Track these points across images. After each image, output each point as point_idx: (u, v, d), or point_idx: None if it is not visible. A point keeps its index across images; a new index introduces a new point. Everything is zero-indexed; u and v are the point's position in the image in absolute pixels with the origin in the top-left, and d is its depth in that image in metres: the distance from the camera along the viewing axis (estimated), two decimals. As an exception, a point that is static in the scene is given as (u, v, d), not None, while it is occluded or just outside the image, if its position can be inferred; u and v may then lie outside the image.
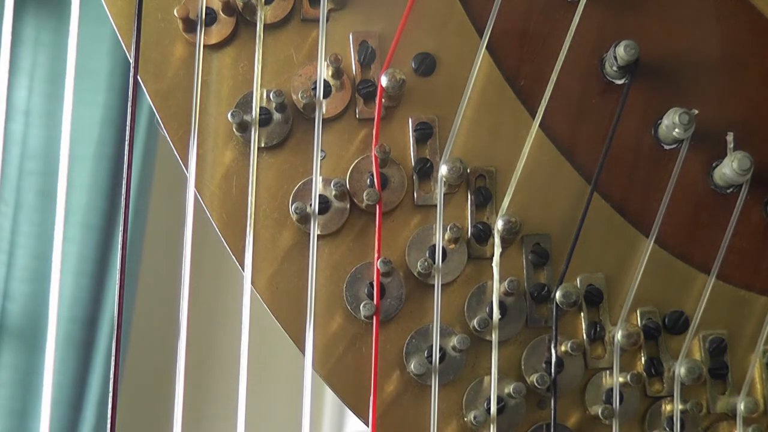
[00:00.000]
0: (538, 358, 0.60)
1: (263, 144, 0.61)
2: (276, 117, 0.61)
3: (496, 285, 0.60)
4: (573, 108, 0.62)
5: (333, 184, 0.60)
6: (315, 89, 0.60)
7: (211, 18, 0.61)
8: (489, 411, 0.59)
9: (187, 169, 0.60)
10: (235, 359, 0.57)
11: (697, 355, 0.61)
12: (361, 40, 0.62)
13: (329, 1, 0.61)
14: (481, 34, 0.60)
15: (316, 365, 0.59)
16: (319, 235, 0.60)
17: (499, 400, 0.59)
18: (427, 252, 0.60)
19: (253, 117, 0.60)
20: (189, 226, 0.58)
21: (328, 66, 0.60)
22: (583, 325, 0.61)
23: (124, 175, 0.58)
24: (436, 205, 0.60)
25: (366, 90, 0.61)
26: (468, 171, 0.61)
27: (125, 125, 0.58)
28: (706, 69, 0.62)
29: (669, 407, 0.60)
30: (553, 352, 0.59)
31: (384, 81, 0.59)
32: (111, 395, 0.56)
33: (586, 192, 0.61)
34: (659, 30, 0.62)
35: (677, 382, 0.60)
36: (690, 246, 0.61)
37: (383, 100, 0.60)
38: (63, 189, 0.60)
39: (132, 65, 0.59)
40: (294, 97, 0.61)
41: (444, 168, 0.59)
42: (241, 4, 0.61)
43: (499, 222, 0.59)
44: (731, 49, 0.63)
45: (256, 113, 0.60)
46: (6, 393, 1.28)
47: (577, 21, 0.60)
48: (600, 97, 0.62)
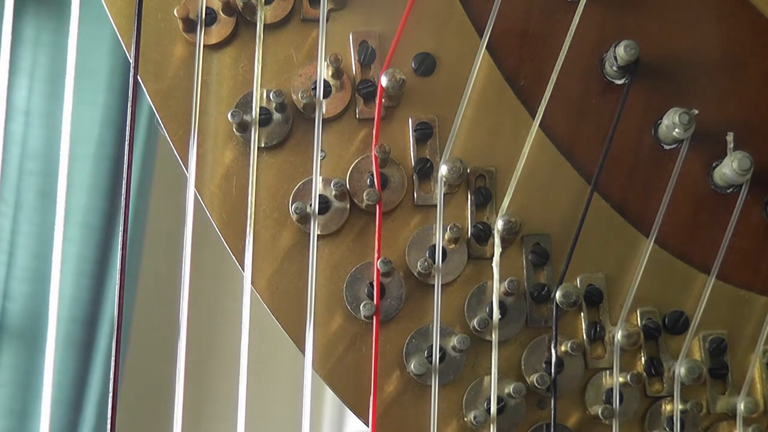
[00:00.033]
0: (538, 358, 0.60)
1: (263, 144, 0.61)
2: (276, 117, 0.61)
3: (496, 285, 0.60)
4: (573, 108, 0.62)
5: (333, 184, 0.60)
6: (315, 89, 0.60)
7: (211, 18, 0.61)
8: (489, 411, 0.59)
9: (187, 169, 0.60)
10: (235, 359, 0.57)
11: (697, 355, 0.61)
12: (361, 40, 0.62)
13: (329, 1, 0.61)
14: (481, 34, 0.60)
15: (316, 365, 0.59)
16: (319, 235, 0.60)
17: (499, 400, 0.59)
18: (427, 252, 0.60)
19: (253, 117, 0.60)
20: (189, 226, 0.58)
21: (328, 66, 0.60)
22: (583, 325, 0.61)
23: (124, 175, 0.58)
24: (436, 205, 0.60)
25: (366, 90, 0.61)
26: (468, 171, 0.61)
27: (125, 125, 0.58)
28: (706, 69, 0.62)
29: (669, 407, 0.60)
30: (553, 352, 0.59)
31: (384, 81, 0.59)
32: (111, 395, 0.56)
33: (586, 192, 0.61)
34: (659, 30, 0.62)
35: (677, 382, 0.60)
36: (690, 246, 0.61)
37: (383, 100, 0.60)
38: (63, 189, 0.60)
39: (132, 65, 0.59)
40: (294, 97, 0.61)
41: (444, 168, 0.59)
42: (241, 4, 0.61)
43: (499, 222, 0.59)
44: (731, 49, 0.63)
45: (256, 113, 0.60)
46: (6, 393, 1.28)
47: (577, 21, 0.60)
48: (600, 97, 0.62)
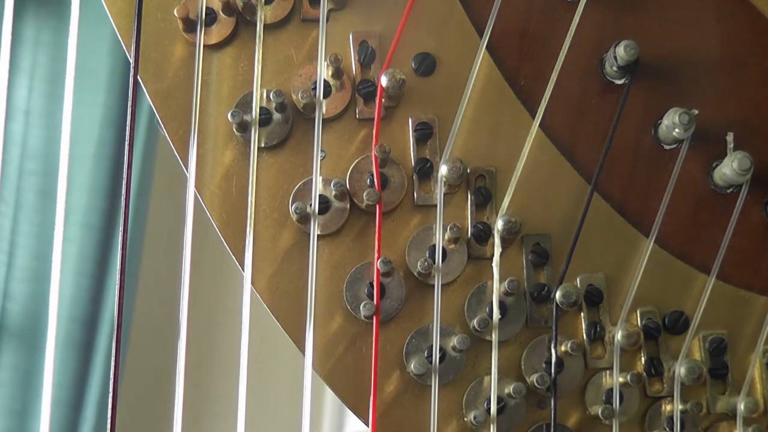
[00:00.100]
0: (538, 358, 0.60)
1: (263, 144, 0.61)
2: (276, 117, 0.61)
3: (496, 285, 0.60)
4: (573, 108, 0.62)
5: (333, 184, 0.60)
6: (315, 89, 0.60)
7: (211, 18, 0.61)
8: (489, 411, 0.59)
9: (187, 169, 0.60)
10: (235, 359, 0.57)
11: (697, 355, 0.61)
12: (361, 40, 0.62)
13: (329, 1, 0.61)
14: (481, 34, 0.60)
15: (316, 365, 0.59)
16: (319, 235, 0.60)
17: (499, 400, 0.59)
18: (427, 252, 0.60)
19: (253, 117, 0.60)
20: (189, 226, 0.58)
21: (328, 66, 0.60)
22: (583, 325, 0.61)
23: (124, 175, 0.58)
24: (436, 205, 0.60)
25: (366, 90, 0.61)
26: (468, 171, 0.61)
27: (125, 125, 0.58)
28: (706, 69, 0.62)
29: (669, 407, 0.60)
30: (553, 352, 0.59)
31: (384, 81, 0.59)
32: (111, 395, 0.56)
33: (586, 192, 0.61)
34: (659, 30, 0.62)
35: (677, 382, 0.60)
36: (690, 246, 0.61)
37: (383, 100, 0.60)
38: (63, 189, 0.60)
39: (132, 65, 0.59)
40: (294, 97, 0.61)
41: (444, 168, 0.59)
42: (241, 4, 0.61)
43: (499, 222, 0.59)
44: (731, 49, 0.63)
45: (256, 113, 0.60)
46: (6, 393, 1.28)
47: (577, 21, 0.60)
48: (600, 97, 0.62)
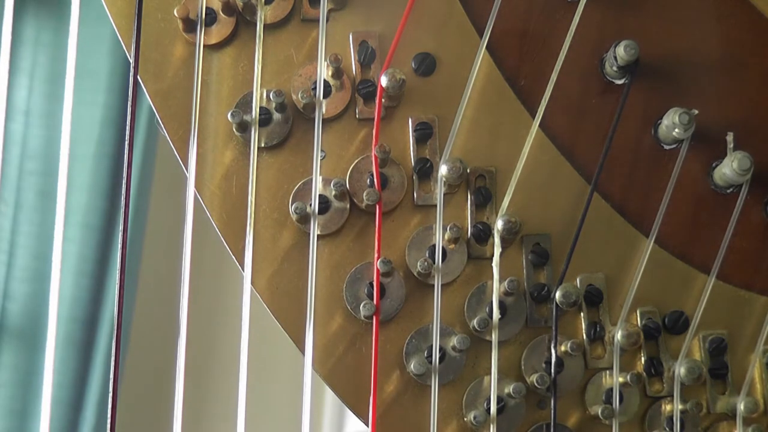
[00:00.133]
0: (538, 358, 0.60)
1: (263, 144, 0.61)
2: (276, 117, 0.61)
3: (496, 285, 0.60)
4: (573, 108, 0.62)
5: (333, 184, 0.60)
6: (315, 89, 0.60)
7: (211, 18, 0.61)
8: (489, 411, 0.59)
9: (187, 169, 0.60)
10: (235, 359, 0.57)
11: (697, 355, 0.61)
12: (361, 40, 0.62)
13: (329, 1, 0.61)
14: (481, 34, 0.60)
15: (316, 365, 0.59)
16: (319, 235, 0.60)
17: (499, 400, 0.59)
18: (427, 252, 0.60)
19: (253, 117, 0.60)
20: (189, 226, 0.58)
21: (328, 66, 0.60)
22: (583, 325, 0.61)
23: (124, 175, 0.58)
24: (436, 205, 0.60)
25: (366, 90, 0.61)
26: (468, 171, 0.61)
27: (125, 125, 0.58)
28: (706, 69, 0.62)
29: (669, 407, 0.60)
30: (553, 352, 0.59)
31: (384, 81, 0.59)
32: (111, 395, 0.56)
33: (586, 192, 0.61)
34: (659, 30, 0.62)
35: (677, 382, 0.60)
36: (690, 246, 0.61)
37: (383, 100, 0.60)
38: (63, 189, 0.60)
39: (132, 65, 0.59)
40: (294, 97, 0.61)
41: (444, 168, 0.59)
42: (241, 4, 0.61)
43: (499, 222, 0.59)
44: (731, 49, 0.63)
45: (256, 113, 0.60)
46: (6, 393, 1.28)
47: (577, 21, 0.60)
48: (600, 97, 0.62)
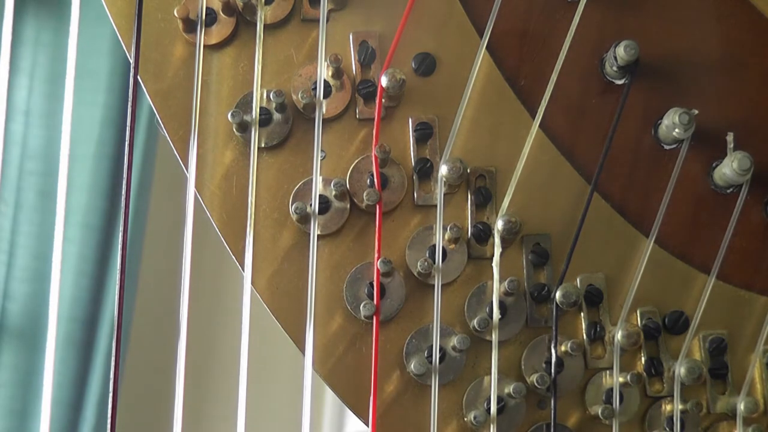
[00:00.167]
0: (538, 358, 0.60)
1: (263, 144, 0.61)
2: (276, 117, 0.61)
3: (496, 285, 0.60)
4: (573, 108, 0.62)
5: (333, 184, 0.60)
6: (315, 89, 0.60)
7: (211, 18, 0.61)
8: (489, 411, 0.59)
9: (187, 169, 0.60)
10: (235, 359, 0.57)
11: (697, 355, 0.61)
12: (361, 40, 0.62)
13: (329, 1, 0.61)
14: (481, 34, 0.60)
15: (316, 365, 0.59)
16: (319, 235, 0.60)
17: (499, 400, 0.59)
18: (427, 252, 0.60)
19: (253, 117, 0.60)
20: (189, 226, 0.58)
21: (328, 66, 0.60)
22: (583, 325, 0.61)
23: (124, 175, 0.58)
24: (436, 205, 0.60)
25: (366, 90, 0.61)
26: (468, 171, 0.61)
27: (125, 125, 0.58)
28: (706, 69, 0.62)
29: (669, 407, 0.60)
30: (553, 352, 0.59)
31: (384, 81, 0.59)
32: (111, 395, 0.56)
33: (586, 192, 0.61)
34: (659, 30, 0.62)
35: (677, 382, 0.60)
36: (690, 246, 0.61)
37: (383, 100, 0.60)
38: (63, 189, 0.60)
39: (132, 65, 0.59)
40: (294, 97, 0.61)
41: (444, 168, 0.59)
42: (241, 4, 0.61)
43: (499, 222, 0.59)
44: (731, 49, 0.63)
45: (256, 113, 0.60)
46: (6, 393, 1.28)
47: (577, 21, 0.60)
48: (600, 97, 0.62)
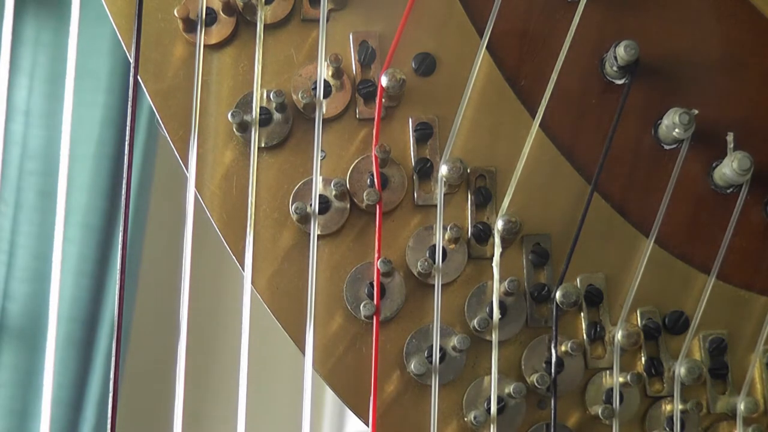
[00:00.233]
0: (538, 358, 0.60)
1: (263, 144, 0.61)
2: (276, 117, 0.61)
3: (496, 285, 0.60)
4: (573, 108, 0.62)
5: (333, 184, 0.60)
6: (315, 89, 0.60)
7: (212, 18, 0.61)
8: (489, 411, 0.59)
9: (187, 169, 0.60)
10: (235, 359, 0.57)
11: (697, 355, 0.61)
12: (361, 40, 0.62)
13: (329, 1, 0.61)
14: (481, 34, 0.60)
15: (316, 365, 0.59)
16: (319, 235, 0.60)
17: (499, 400, 0.59)
18: (427, 252, 0.60)
19: (253, 117, 0.60)
20: (189, 226, 0.58)
21: (328, 66, 0.60)
22: (583, 325, 0.61)
23: (124, 175, 0.58)
24: (436, 205, 0.60)
25: (366, 90, 0.61)
26: (468, 171, 0.61)
27: (125, 125, 0.58)
28: (706, 69, 0.62)
29: (669, 407, 0.60)
30: (553, 352, 0.59)
31: (384, 81, 0.59)
32: (111, 395, 0.56)
33: (586, 192, 0.61)
34: (659, 30, 0.62)
35: (677, 382, 0.60)
36: (690, 246, 0.61)
37: (383, 100, 0.60)
38: (63, 189, 0.60)
39: (132, 65, 0.59)
40: (294, 97, 0.61)
41: (444, 168, 0.59)
42: (242, 4, 0.61)
43: (499, 222, 0.59)
44: (731, 49, 0.63)
45: (256, 113, 0.60)
46: (6, 393, 1.28)
47: (577, 21, 0.60)
48: (600, 97, 0.62)
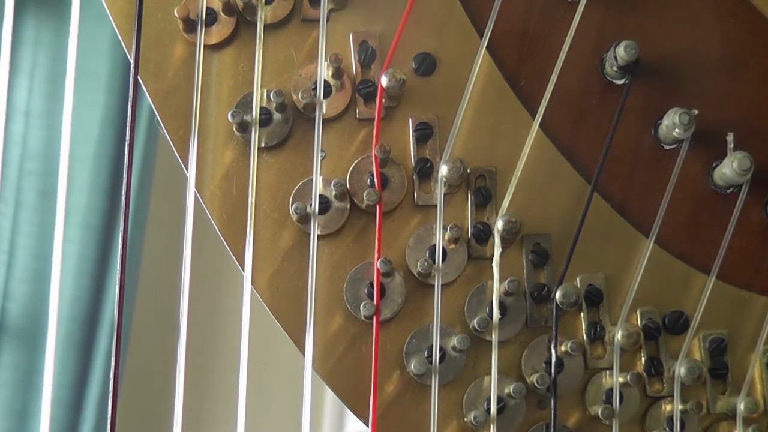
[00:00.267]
0: (538, 358, 0.60)
1: (263, 144, 0.61)
2: (276, 117, 0.61)
3: (496, 285, 0.60)
4: (573, 108, 0.62)
5: (333, 184, 0.60)
6: (315, 89, 0.60)
7: (212, 18, 0.61)
8: (489, 411, 0.59)
9: (187, 169, 0.60)
10: (235, 359, 0.57)
11: (697, 355, 0.61)
12: (362, 40, 0.62)
13: (329, 1, 0.61)
14: (481, 34, 0.60)
15: (316, 365, 0.59)
16: (319, 235, 0.60)
17: (499, 400, 0.59)
18: (427, 252, 0.60)
19: (253, 117, 0.60)
20: (189, 226, 0.58)
21: (328, 66, 0.60)
22: (583, 325, 0.61)
23: (124, 175, 0.58)
24: (436, 205, 0.60)
25: (366, 90, 0.61)
26: (468, 171, 0.61)
27: (125, 125, 0.58)
28: (706, 69, 0.62)
29: (669, 407, 0.60)
30: (553, 352, 0.59)
31: (384, 81, 0.59)
32: (111, 395, 0.56)
33: (586, 192, 0.61)
34: (659, 30, 0.62)
35: (677, 382, 0.60)
36: (690, 246, 0.61)
37: (383, 100, 0.60)
38: (63, 189, 0.60)
39: (132, 65, 0.59)
40: (294, 97, 0.61)
41: (444, 168, 0.59)
42: (242, 4, 0.61)
43: (499, 222, 0.59)
44: (731, 49, 0.63)
45: (256, 113, 0.60)
46: (6, 393, 1.28)
47: (577, 21, 0.60)
48: (600, 97, 0.62)
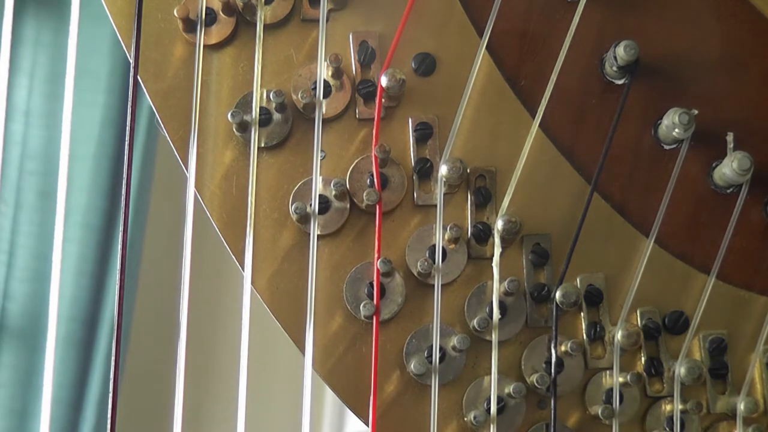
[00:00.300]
0: (538, 358, 0.60)
1: (263, 144, 0.61)
2: (276, 117, 0.61)
3: (496, 285, 0.60)
4: (573, 108, 0.62)
5: (333, 184, 0.60)
6: (315, 89, 0.60)
7: (211, 18, 0.61)
8: (489, 411, 0.59)
9: (187, 169, 0.60)
10: (235, 359, 0.57)
11: (697, 355, 0.61)
12: (361, 40, 0.62)
13: (329, 1, 0.61)
14: (481, 34, 0.60)
15: (316, 365, 0.59)
16: (319, 235, 0.60)
17: (499, 400, 0.59)
18: (427, 252, 0.60)
19: (253, 117, 0.60)
20: (189, 226, 0.58)
21: (328, 66, 0.60)
22: (583, 325, 0.61)
23: (124, 175, 0.58)
24: (436, 205, 0.60)
25: (366, 90, 0.61)
26: (468, 171, 0.61)
27: (125, 125, 0.58)
28: (706, 69, 0.62)
29: (669, 407, 0.60)
30: (553, 352, 0.59)
31: (384, 81, 0.59)
32: (111, 395, 0.56)
33: (586, 192, 0.61)
34: (659, 30, 0.62)
35: (677, 382, 0.60)
36: (690, 246, 0.61)
37: (383, 100, 0.60)
38: (63, 189, 0.60)
39: (132, 65, 0.59)
40: (294, 97, 0.61)
41: (444, 168, 0.59)
42: (241, 4, 0.61)
43: (499, 222, 0.59)
44: (731, 49, 0.63)
45: (256, 113, 0.60)
46: (6, 393, 1.28)
47: (577, 21, 0.60)
48: (600, 97, 0.62)
